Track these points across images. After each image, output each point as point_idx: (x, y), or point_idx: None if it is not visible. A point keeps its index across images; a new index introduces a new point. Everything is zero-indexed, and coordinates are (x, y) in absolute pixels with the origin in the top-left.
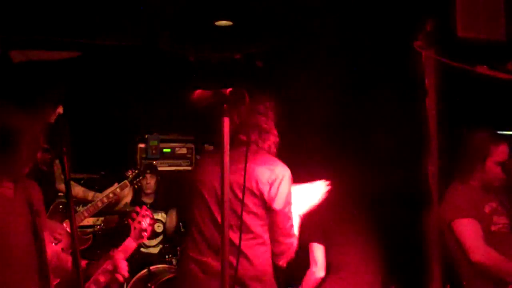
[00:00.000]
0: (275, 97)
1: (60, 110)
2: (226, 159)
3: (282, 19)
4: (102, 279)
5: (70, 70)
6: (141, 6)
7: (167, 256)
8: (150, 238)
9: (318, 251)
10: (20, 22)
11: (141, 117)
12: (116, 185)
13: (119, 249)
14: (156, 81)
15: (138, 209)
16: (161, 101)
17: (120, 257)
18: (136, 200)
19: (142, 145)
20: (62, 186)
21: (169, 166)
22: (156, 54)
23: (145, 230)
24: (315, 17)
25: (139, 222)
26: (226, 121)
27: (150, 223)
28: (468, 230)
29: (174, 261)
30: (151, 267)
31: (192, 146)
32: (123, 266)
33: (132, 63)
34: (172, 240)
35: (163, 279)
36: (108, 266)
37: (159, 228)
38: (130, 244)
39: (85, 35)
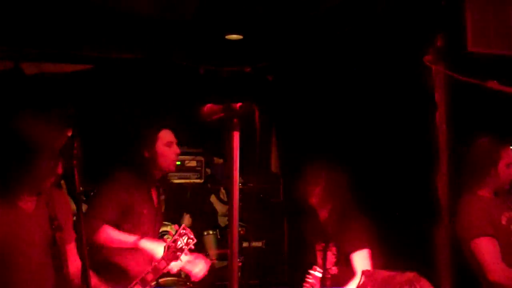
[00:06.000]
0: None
1: (69, 133)
2: (236, 174)
3: (292, 33)
4: None
5: (81, 84)
6: None
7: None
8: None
9: None
10: (32, 34)
11: (150, 129)
12: None
13: (149, 269)
14: (165, 94)
15: (176, 227)
16: (170, 114)
17: (150, 278)
18: None
19: None
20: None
21: (179, 178)
22: (166, 67)
23: (181, 250)
24: (325, 31)
25: (175, 241)
26: (236, 136)
27: (188, 243)
28: (485, 250)
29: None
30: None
31: (202, 159)
32: None
33: (141, 76)
34: None
35: None
36: None
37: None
38: (161, 265)
39: (95, 48)
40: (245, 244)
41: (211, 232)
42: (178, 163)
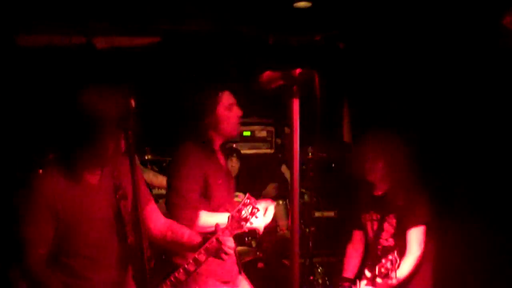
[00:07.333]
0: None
1: (132, 103)
2: (296, 143)
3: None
4: (202, 258)
5: (149, 57)
6: None
7: (246, 238)
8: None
9: None
10: (103, 9)
11: (209, 92)
12: None
13: (213, 239)
14: (234, 64)
15: (240, 196)
16: (239, 84)
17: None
18: None
19: None
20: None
21: (249, 149)
22: (235, 38)
23: (246, 220)
24: None
25: (239, 211)
26: (296, 103)
27: (253, 213)
28: None
29: (253, 244)
30: None
31: (272, 129)
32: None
33: (210, 47)
34: None
35: (244, 261)
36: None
37: None
38: (225, 234)
39: (165, 21)
40: (317, 214)
41: (280, 202)
42: (248, 133)
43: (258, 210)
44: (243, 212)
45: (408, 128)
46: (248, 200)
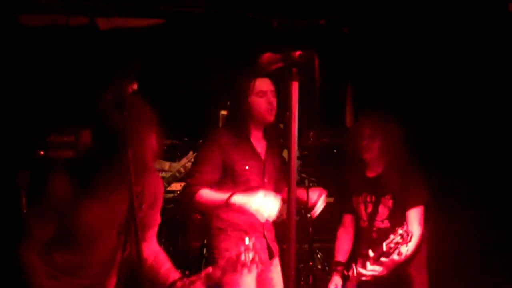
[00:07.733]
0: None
1: (134, 87)
2: (294, 127)
3: None
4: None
5: (153, 38)
6: None
7: None
8: None
9: None
10: None
11: (225, 83)
12: (191, 153)
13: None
14: (239, 48)
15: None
16: (243, 68)
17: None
18: None
19: (224, 112)
20: None
21: None
22: (239, 20)
23: (245, 265)
24: None
25: (238, 255)
26: (295, 86)
27: (253, 260)
28: None
29: None
30: None
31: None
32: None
33: (214, 29)
34: None
35: None
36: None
37: None
38: (215, 274)
39: (169, 2)
40: None
41: None
42: None
43: (260, 259)
44: (242, 257)
45: (408, 111)
46: (251, 243)
